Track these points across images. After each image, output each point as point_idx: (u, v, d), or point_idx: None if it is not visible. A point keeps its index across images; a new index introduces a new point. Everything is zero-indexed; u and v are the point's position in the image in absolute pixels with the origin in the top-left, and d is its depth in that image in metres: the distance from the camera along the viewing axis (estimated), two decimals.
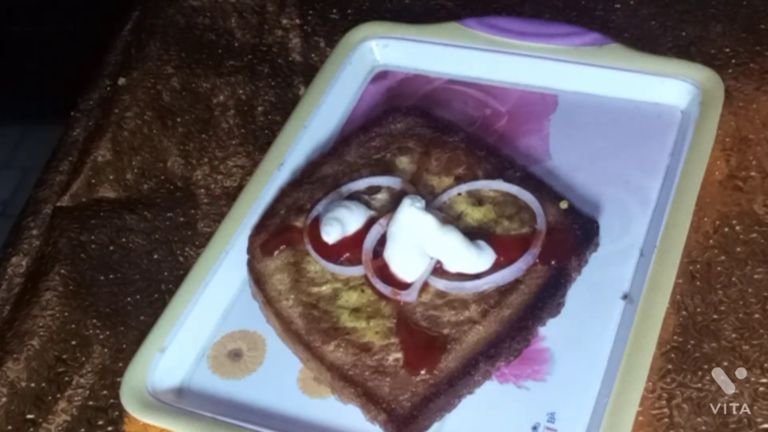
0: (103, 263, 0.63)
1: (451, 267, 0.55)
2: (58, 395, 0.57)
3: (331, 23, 0.75)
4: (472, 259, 0.55)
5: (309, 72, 0.70)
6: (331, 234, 0.56)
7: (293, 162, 0.64)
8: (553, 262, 0.55)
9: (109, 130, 0.70)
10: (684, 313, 0.55)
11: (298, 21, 0.75)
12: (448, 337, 0.53)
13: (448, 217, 0.57)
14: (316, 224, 0.58)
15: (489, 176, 0.59)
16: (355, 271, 0.56)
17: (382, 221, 0.57)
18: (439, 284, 0.55)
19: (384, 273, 0.55)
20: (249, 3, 0.77)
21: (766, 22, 0.69)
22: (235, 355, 0.57)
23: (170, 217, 0.65)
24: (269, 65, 0.72)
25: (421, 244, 0.55)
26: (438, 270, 0.55)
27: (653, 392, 0.52)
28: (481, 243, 0.55)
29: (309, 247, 0.57)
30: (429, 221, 0.55)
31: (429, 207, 0.56)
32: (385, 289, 0.54)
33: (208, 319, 0.58)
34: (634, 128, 0.63)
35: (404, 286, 0.55)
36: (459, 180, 0.59)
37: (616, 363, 0.52)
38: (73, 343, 0.59)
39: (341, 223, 0.57)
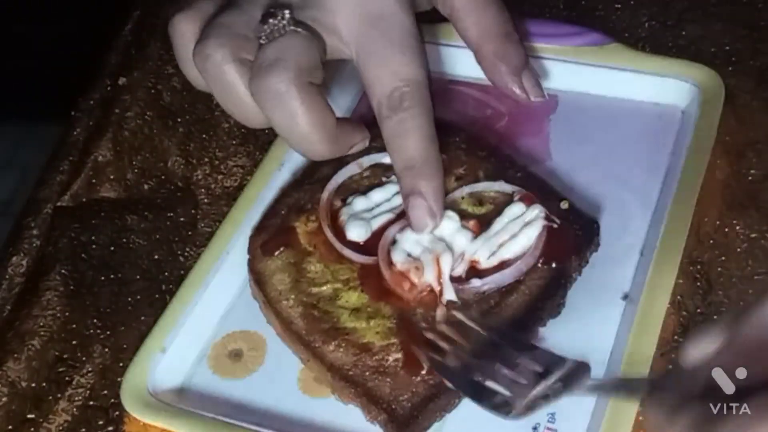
0: (103, 263, 0.63)
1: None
2: (59, 395, 0.57)
3: None
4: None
5: None
6: (361, 235, 0.57)
7: (294, 162, 0.63)
8: (553, 263, 0.55)
9: (109, 130, 0.70)
10: (684, 313, 0.55)
11: None
12: None
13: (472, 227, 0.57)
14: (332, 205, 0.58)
15: (490, 176, 0.59)
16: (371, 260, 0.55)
17: (404, 221, 0.56)
18: None
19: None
20: None
21: (765, 19, 0.69)
22: (236, 355, 0.57)
23: (171, 217, 0.65)
24: None
25: (444, 247, 0.55)
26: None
27: None
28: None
29: (325, 226, 0.57)
30: (457, 235, 0.55)
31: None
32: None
33: (209, 319, 0.58)
34: (635, 128, 0.63)
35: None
36: (459, 180, 0.59)
37: (616, 363, 0.52)
38: (74, 342, 0.59)
39: (368, 223, 0.57)
